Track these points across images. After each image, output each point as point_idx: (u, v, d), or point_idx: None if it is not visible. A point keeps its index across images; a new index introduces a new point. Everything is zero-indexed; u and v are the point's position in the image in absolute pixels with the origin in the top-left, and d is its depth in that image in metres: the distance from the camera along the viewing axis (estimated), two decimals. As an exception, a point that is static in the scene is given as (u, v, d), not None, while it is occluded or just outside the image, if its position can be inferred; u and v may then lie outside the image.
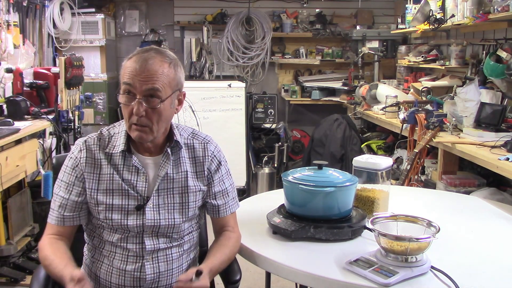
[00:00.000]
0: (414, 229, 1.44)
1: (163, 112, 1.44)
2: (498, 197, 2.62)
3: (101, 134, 1.54)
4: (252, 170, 4.80)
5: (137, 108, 1.40)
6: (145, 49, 1.45)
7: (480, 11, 3.10)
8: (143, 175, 1.49)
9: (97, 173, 1.49)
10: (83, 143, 1.52)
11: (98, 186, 1.49)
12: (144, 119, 1.42)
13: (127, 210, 1.48)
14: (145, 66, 1.39)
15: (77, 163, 1.50)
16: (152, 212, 1.49)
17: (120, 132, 1.52)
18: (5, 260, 3.11)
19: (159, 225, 1.49)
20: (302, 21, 5.61)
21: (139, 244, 1.49)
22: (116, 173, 1.49)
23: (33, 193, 3.48)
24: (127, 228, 1.48)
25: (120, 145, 1.49)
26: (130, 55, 1.46)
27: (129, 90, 1.41)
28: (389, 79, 4.98)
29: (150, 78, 1.40)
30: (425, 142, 2.99)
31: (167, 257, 1.52)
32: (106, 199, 1.48)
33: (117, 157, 1.50)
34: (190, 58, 5.45)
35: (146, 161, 1.51)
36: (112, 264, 1.50)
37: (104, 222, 1.48)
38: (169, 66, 1.43)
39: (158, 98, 1.42)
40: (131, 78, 1.40)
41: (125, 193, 1.48)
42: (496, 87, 3.14)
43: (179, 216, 1.52)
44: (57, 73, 3.71)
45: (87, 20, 5.03)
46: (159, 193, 1.50)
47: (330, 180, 1.62)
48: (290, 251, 1.52)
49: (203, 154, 1.57)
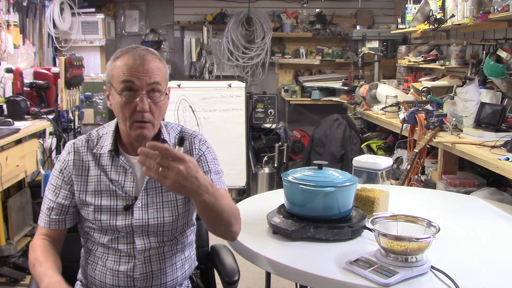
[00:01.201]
0: (414, 229, 1.44)
1: (163, 106, 1.47)
2: (498, 197, 2.62)
3: (90, 136, 1.55)
4: (252, 170, 4.80)
5: (142, 104, 1.40)
6: (132, 48, 1.45)
7: (480, 11, 3.10)
8: (131, 175, 1.49)
9: (85, 175, 1.50)
10: (71, 145, 1.53)
11: (86, 188, 1.49)
12: (148, 115, 1.42)
13: (115, 210, 1.48)
14: (144, 62, 1.40)
15: (65, 165, 1.51)
16: (140, 211, 1.48)
17: (108, 132, 1.53)
18: (5, 260, 3.11)
19: (148, 224, 1.48)
20: (302, 21, 5.61)
21: (130, 244, 1.49)
22: (103, 174, 1.49)
23: (33, 193, 3.48)
24: (116, 228, 1.48)
25: (107, 145, 1.50)
26: (114, 56, 1.46)
27: (130, 87, 1.40)
28: (389, 79, 4.98)
29: (151, 73, 1.41)
30: (425, 142, 2.99)
31: (159, 256, 1.52)
32: (95, 201, 1.48)
33: (104, 158, 1.50)
34: (190, 58, 5.45)
35: (133, 161, 1.50)
36: (105, 265, 1.50)
37: (94, 224, 1.49)
38: (160, 61, 1.46)
39: (160, 92, 1.44)
40: (131, 75, 1.40)
41: (112, 194, 1.48)
42: (496, 87, 3.14)
43: (169, 214, 1.51)
44: (57, 73, 3.71)
45: (87, 20, 5.04)
46: (148, 192, 1.50)
47: (330, 180, 1.62)
48: (290, 251, 1.52)
49: (190, 147, 1.56)
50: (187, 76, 5.46)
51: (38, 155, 3.36)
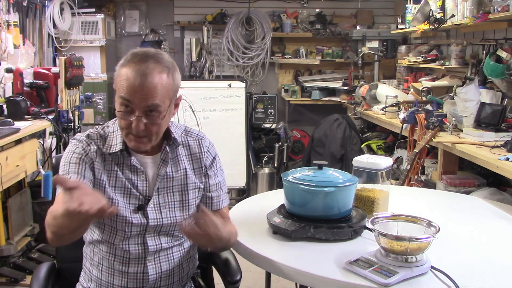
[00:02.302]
0: (414, 229, 1.44)
1: (163, 124, 1.43)
2: (498, 197, 2.62)
3: (98, 132, 1.50)
4: (252, 170, 4.80)
5: (136, 125, 1.36)
6: (142, 58, 1.36)
7: (480, 11, 3.10)
8: (143, 175, 1.48)
9: (103, 166, 1.45)
10: (86, 137, 1.47)
11: (105, 178, 1.45)
12: (143, 132, 1.39)
13: (130, 209, 1.46)
14: (144, 82, 1.33)
15: (86, 152, 1.44)
16: (154, 211, 1.48)
17: (116, 131, 1.49)
18: (5, 260, 3.11)
19: (162, 224, 1.49)
20: (302, 21, 5.60)
21: (141, 245, 1.48)
22: (119, 170, 1.47)
23: (33, 193, 3.49)
24: (130, 226, 1.45)
25: (117, 145, 1.46)
26: (124, 60, 1.39)
27: (127, 105, 1.37)
28: (389, 79, 4.98)
29: (150, 95, 1.35)
30: (425, 142, 2.99)
31: (169, 257, 1.52)
32: (112, 194, 1.45)
33: (117, 156, 1.48)
34: (190, 58, 5.45)
35: (145, 160, 1.50)
36: (113, 266, 1.49)
37: (107, 219, 1.45)
38: (167, 76, 1.38)
39: (158, 112, 1.38)
40: (129, 94, 1.35)
41: (127, 192, 1.47)
42: (496, 87, 3.14)
43: (180, 214, 1.51)
44: (57, 73, 3.71)
45: (87, 20, 5.03)
46: (159, 192, 1.50)
47: (330, 180, 1.62)
48: (290, 251, 1.52)
49: (199, 150, 1.56)
50: (187, 76, 5.46)
51: (38, 155, 3.35)
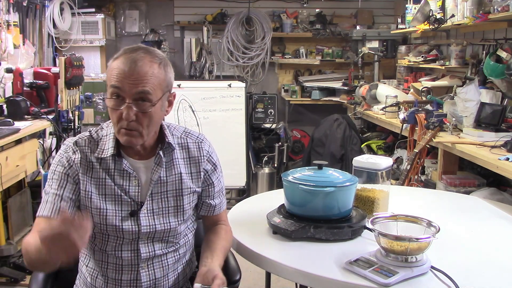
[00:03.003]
0: (414, 229, 1.44)
1: (154, 116, 1.38)
2: (498, 197, 2.62)
3: (91, 137, 1.47)
4: (252, 170, 4.80)
5: (126, 113, 1.34)
6: (133, 49, 1.37)
7: (480, 11, 3.10)
8: (135, 180, 1.44)
9: (90, 176, 1.42)
10: (74, 144, 1.45)
11: (92, 189, 1.42)
12: (134, 124, 1.36)
13: (121, 216, 1.42)
14: (134, 68, 1.32)
15: (70, 164, 1.42)
16: (147, 217, 1.44)
17: (109, 134, 1.46)
18: (5, 260, 3.11)
19: (155, 230, 1.45)
20: (302, 21, 5.61)
21: (133, 252, 1.44)
22: (108, 177, 1.43)
23: (33, 193, 3.49)
24: (122, 234, 1.42)
25: (109, 149, 1.43)
26: (116, 54, 1.38)
27: (118, 93, 1.35)
28: (389, 79, 4.98)
29: (140, 81, 1.33)
30: (425, 142, 2.99)
31: (163, 263, 1.49)
32: (100, 203, 1.41)
33: (107, 161, 1.44)
34: (190, 58, 5.45)
35: (137, 165, 1.46)
36: (106, 274, 1.46)
37: (98, 227, 1.42)
38: (158, 66, 1.37)
39: (149, 101, 1.35)
40: (119, 81, 1.33)
41: (118, 198, 1.42)
42: (496, 87, 3.14)
43: (175, 220, 1.48)
44: (57, 73, 3.71)
45: (87, 20, 5.03)
46: (153, 198, 1.46)
47: (330, 180, 1.62)
48: (290, 251, 1.52)
49: (198, 154, 1.53)
50: (187, 76, 5.46)
51: (38, 155, 3.36)
